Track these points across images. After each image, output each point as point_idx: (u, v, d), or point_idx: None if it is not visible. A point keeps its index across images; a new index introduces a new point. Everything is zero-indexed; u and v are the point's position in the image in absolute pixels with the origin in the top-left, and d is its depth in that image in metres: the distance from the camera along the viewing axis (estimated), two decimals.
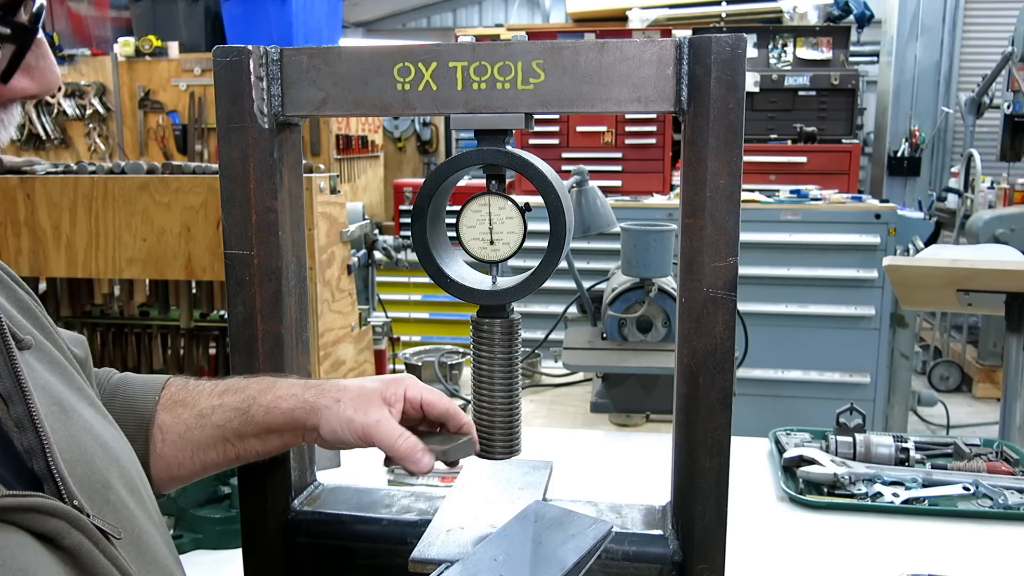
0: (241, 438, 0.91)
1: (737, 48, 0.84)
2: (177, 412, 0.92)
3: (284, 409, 0.89)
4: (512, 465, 1.06)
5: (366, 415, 0.86)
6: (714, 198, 0.86)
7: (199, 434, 0.91)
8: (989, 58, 6.59)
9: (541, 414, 2.18)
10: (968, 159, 5.56)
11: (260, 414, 0.89)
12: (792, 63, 4.96)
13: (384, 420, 0.86)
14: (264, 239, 0.96)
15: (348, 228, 2.25)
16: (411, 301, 5.04)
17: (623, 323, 2.12)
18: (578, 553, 0.81)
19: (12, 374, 0.69)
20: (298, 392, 0.89)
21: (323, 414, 0.87)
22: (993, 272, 2.17)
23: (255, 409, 0.89)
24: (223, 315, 2.36)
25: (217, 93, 0.94)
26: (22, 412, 0.68)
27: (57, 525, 0.63)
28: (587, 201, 2.15)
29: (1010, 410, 2.33)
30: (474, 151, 0.92)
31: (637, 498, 1.03)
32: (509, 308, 0.96)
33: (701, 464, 0.92)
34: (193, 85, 5.51)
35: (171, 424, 0.92)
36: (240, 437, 0.91)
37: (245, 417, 0.89)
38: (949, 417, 4.55)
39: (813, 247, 3.80)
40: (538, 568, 0.80)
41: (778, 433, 1.82)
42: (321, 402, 0.88)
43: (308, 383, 0.91)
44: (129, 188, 2.01)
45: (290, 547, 1.01)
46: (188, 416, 0.91)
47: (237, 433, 0.90)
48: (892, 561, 1.35)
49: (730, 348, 0.90)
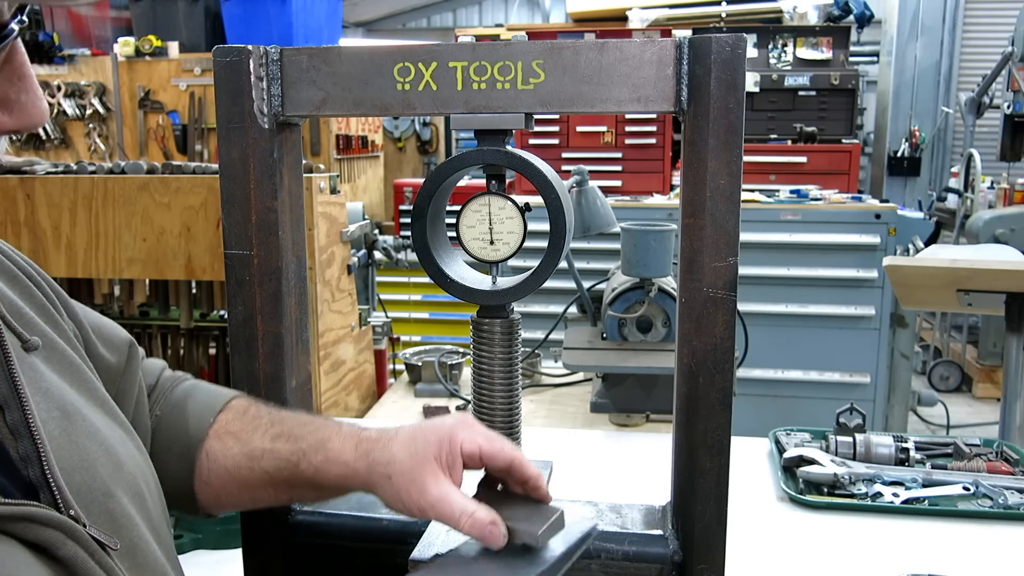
0: (291, 487, 0.87)
1: (737, 48, 0.84)
2: (227, 445, 0.89)
3: (334, 475, 0.83)
4: None
5: (423, 495, 0.77)
6: (714, 198, 0.86)
7: (247, 475, 0.87)
8: (989, 58, 6.59)
9: (541, 414, 2.18)
10: (968, 159, 5.56)
11: (310, 472, 0.84)
12: (792, 63, 4.96)
13: (442, 499, 0.77)
14: (264, 239, 0.96)
15: (348, 228, 2.25)
16: (411, 301, 5.04)
17: (623, 323, 2.12)
18: (566, 544, 0.80)
19: (9, 380, 0.68)
20: (349, 460, 0.83)
21: (377, 491, 0.82)
22: (993, 272, 2.17)
23: (305, 465, 0.84)
24: (223, 315, 2.36)
25: (217, 93, 0.94)
26: (18, 419, 0.67)
27: (51, 535, 0.62)
28: (587, 201, 2.15)
29: (1010, 410, 2.33)
30: (474, 151, 0.92)
31: (637, 498, 1.03)
32: (509, 308, 0.96)
33: (701, 464, 0.92)
34: (193, 85, 5.51)
35: (219, 455, 0.88)
36: (290, 486, 0.87)
37: (295, 470, 0.85)
38: (949, 417, 4.55)
39: (813, 247, 3.80)
40: (526, 557, 0.78)
41: (778, 433, 1.82)
42: (373, 479, 0.81)
43: (360, 446, 0.83)
44: (129, 188, 2.01)
45: (290, 547, 1.01)
46: (237, 453, 0.88)
47: (287, 482, 0.87)
48: (892, 561, 1.35)
49: (730, 348, 0.90)
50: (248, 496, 0.90)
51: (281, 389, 1.00)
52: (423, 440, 0.80)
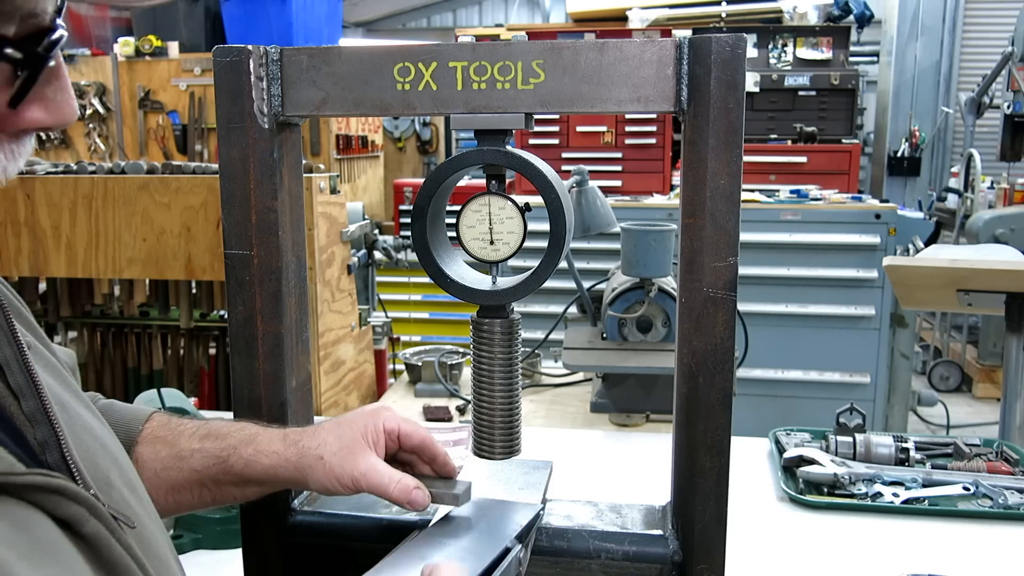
0: (218, 485, 0.90)
1: (737, 48, 0.84)
2: (156, 448, 0.92)
3: (265, 465, 0.88)
4: (512, 465, 1.06)
5: (354, 466, 0.86)
6: (714, 198, 0.86)
7: (175, 475, 0.91)
8: (989, 58, 6.59)
9: (541, 414, 2.18)
10: (968, 159, 5.56)
11: (240, 465, 0.88)
12: (792, 63, 4.96)
13: (371, 469, 0.86)
14: (264, 239, 0.96)
15: (348, 228, 2.25)
16: (411, 301, 5.04)
17: (623, 323, 2.12)
18: (520, 525, 0.89)
19: (24, 369, 0.69)
20: (279, 450, 0.88)
21: (309, 474, 0.86)
22: (993, 272, 2.17)
23: (235, 459, 0.89)
24: (223, 315, 2.36)
25: (217, 93, 0.94)
26: (35, 406, 0.68)
27: (77, 511, 0.63)
28: (587, 201, 2.15)
29: (1010, 410, 2.33)
30: (474, 151, 0.92)
31: (637, 498, 1.03)
32: (509, 308, 0.96)
33: (701, 464, 0.92)
34: (193, 85, 5.51)
35: (149, 459, 0.91)
36: (217, 484, 0.90)
37: (224, 466, 0.89)
38: (949, 417, 4.55)
39: (813, 247, 3.80)
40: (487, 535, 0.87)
41: (778, 433, 1.82)
42: (305, 462, 0.87)
43: (288, 437, 0.89)
44: (129, 188, 2.01)
45: (290, 547, 1.01)
46: (166, 455, 0.91)
47: (215, 480, 0.90)
48: (892, 561, 1.35)
49: (730, 348, 0.90)
50: (173, 499, 0.92)
51: (281, 389, 1.00)
52: (349, 424, 0.89)
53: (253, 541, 1.02)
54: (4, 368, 0.68)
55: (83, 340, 2.51)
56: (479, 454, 0.98)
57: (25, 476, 0.60)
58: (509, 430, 0.97)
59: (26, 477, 0.60)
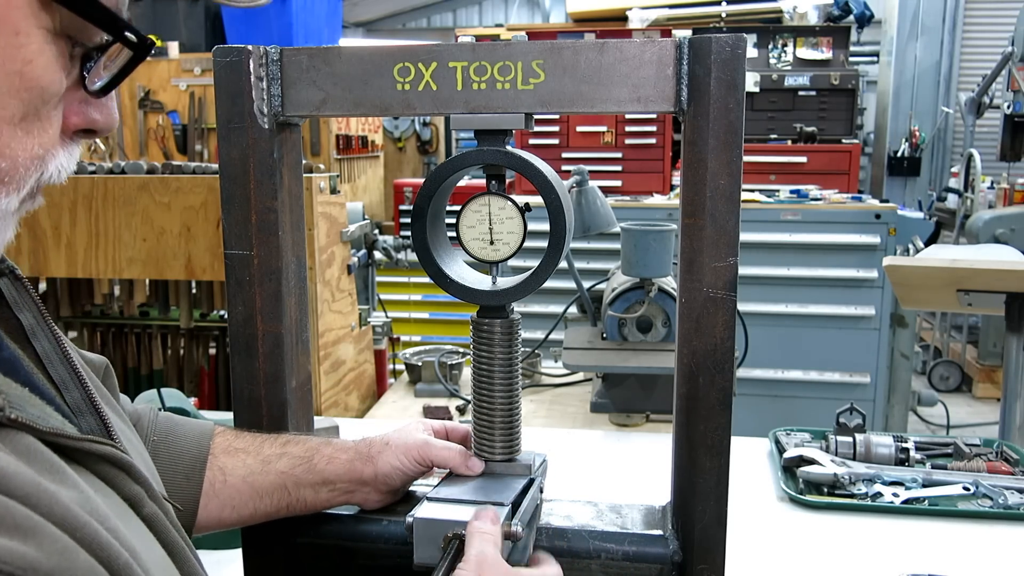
0: (299, 487, 0.95)
1: (737, 48, 0.84)
2: (240, 457, 0.96)
3: (344, 460, 0.95)
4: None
5: (416, 439, 0.98)
6: (714, 198, 0.86)
7: (261, 479, 0.95)
8: (989, 58, 6.59)
9: (541, 414, 2.18)
10: (968, 159, 5.56)
11: (322, 463, 0.95)
12: (792, 63, 4.96)
13: (430, 439, 0.98)
14: (264, 239, 0.96)
15: (348, 228, 2.25)
16: (411, 301, 5.04)
17: (623, 323, 2.12)
18: (523, 481, 0.95)
19: (65, 361, 0.69)
20: (351, 446, 0.98)
21: (378, 460, 0.96)
22: (993, 272, 2.17)
23: (318, 458, 0.95)
24: (223, 315, 2.36)
25: (217, 93, 0.94)
26: (79, 397, 0.68)
27: (137, 491, 0.64)
28: (587, 201, 2.15)
29: (1010, 410, 2.32)
30: (474, 151, 0.92)
31: (637, 498, 1.03)
32: (509, 308, 0.96)
33: (701, 464, 0.92)
34: (193, 85, 5.51)
35: (235, 467, 0.95)
36: (298, 486, 0.95)
37: (308, 465, 0.95)
38: (949, 417, 4.55)
39: (813, 247, 3.80)
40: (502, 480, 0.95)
41: (778, 433, 1.82)
42: (374, 450, 0.97)
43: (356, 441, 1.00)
44: (129, 188, 2.01)
45: (290, 547, 1.01)
46: (252, 462, 0.96)
47: (297, 481, 0.95)
48: (892, 561, 1.35)
49: (730, 348, 0.90)
50: (254, 505, 0.96)
51: (281, 389, 1.00)
52: (405, 427, 1.02)
53: (254, 541, 1.02)
54: (45, 361, 0.68)
55: (83, 340, 2.51)
56: (479, 454, 0.98)
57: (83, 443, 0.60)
58: (509, 430, 0.97)
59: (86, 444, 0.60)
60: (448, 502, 0.90)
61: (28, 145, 0.57)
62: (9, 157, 0.56)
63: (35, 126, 0.57)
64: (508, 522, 0.85)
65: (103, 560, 0.52)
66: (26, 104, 0.55)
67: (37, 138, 0.57)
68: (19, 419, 0.53)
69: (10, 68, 0.54)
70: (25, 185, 0.58)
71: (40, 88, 0.56)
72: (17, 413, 0.54)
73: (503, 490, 0.92)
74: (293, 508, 0.96)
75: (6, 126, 0.55)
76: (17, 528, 0.46)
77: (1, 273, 0.69)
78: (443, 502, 0.90)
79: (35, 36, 0.54)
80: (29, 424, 0.54)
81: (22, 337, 0.68)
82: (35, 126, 0.57)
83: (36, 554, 0.46)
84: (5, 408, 0.53)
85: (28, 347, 0.68)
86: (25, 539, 0.46)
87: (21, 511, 0.47)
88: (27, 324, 0.69)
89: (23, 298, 0.70)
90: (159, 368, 2.50)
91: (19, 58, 0.54)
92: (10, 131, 0.55)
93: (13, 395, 0.57)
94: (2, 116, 0.55)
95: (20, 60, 0.54)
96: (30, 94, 0.55)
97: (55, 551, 0.48)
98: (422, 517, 0.86)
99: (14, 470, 0.49)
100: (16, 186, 0.57)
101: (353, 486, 0.96)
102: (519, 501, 0.90)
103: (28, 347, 0.68)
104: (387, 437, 0.98)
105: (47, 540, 0.48)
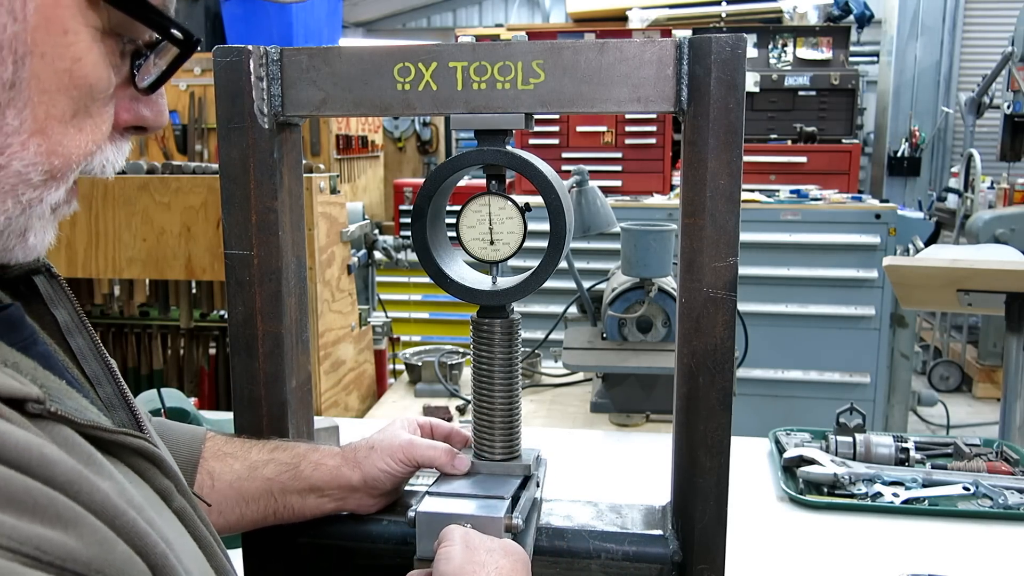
0: (285, 493, 0.95)
1: (737, 48, 0.84)
2: (228, 462, 0.96)
3: (331, 466, 0.95)
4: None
5: (400, 440, 0.97)
6: (714, 198, 0.86)
7: (248, 485, 0.95)
8: (989, 58, 6.59)
9: (541, 414, 2.18)
10: (968, 159, 5.56)
11: (309, 470, 0.95)
12: (792, 63, 4.96)
13: (414, 440, 0.97)
14: (264, 239, 0.96)
15: (348, 228, 2.25)
16: (411, 301, 5.04)
17: (623, 323, 2.12)
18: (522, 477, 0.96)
19: (99, 356, 0.70)
20: (338, 452, 0.98)
21: (364, 464, 0.96)
22: (993, 272, 2.17)
23: (305, 464, 0.95)
24: (223, 315, 2.36)
25: (217, 93, 0.94)
26: (112, 392, 0.69)
27: (167, 485, 0.65)
28: (587, 201, 2.15)
29: (1010, 410, 2.33)
30: (474, 151, 0.92)
31: (637, 498, 1.03)
32: (509, 308, 0.96)
33: (701, 464, 0.92)
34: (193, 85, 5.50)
35: (223, 472, 0.95)
36: (284, 492, 0.95)
37: (294, 472, 0.95)
38: (949, 417, 4.55)
39: (813, 247, 3.80)
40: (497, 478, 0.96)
41: (778, 433, 1.82)
42: (360, 455, 0.97)
43: (343, 447, 0.99)
44: (129, 188, 2.01)
45: (290, 547, 1.01)
46: (240, 467, 0.95)
47: (283, 488, 0.95)
48: (892, 561, 1.35)
49: (730, 348, 0.90)
50: (240, 512, 0.95)
51: (281, 389, 1.00)
52: (387, 426, 1.02)
53: (253, 541, 1.02)
54: (79, 357, 0.69)
55: None
56: (479, 455, 0.98)
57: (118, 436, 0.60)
58: (509, 430, 0.97)
59: (120, 437, 0.60)
60: (450, 496, 0.91)
61: (81, 142, 0.58)
62: (63, 155, 0.56)
63: (87, 123, 0.58)
64: (508, 514, 0.86)
65: (140, 550, 0.52)
66: (76, 102, 0.56)
67: (90, 135, 0.58)
68: (59, 412, 0.54)
69: (59, 66, 0.54)
70: (72, 177, 0.59)
71: (89, 86, 0.56)
72: (57, 406, 0.54)
73: (503, 484, 0.93)
74: (280, 515, 0.96)
75: (58, 124, 0.56)
76: (59, 518, 0.47)
77: (37, 271, 0.70)
78: (445, 496, 0.91)
79: (83, 35, 0.55)
80: (68, 417, 0.55)
81: (57, 333, 0.69)
82: (87, 123, 0.58)
83: (75, 544, 0.47)
84: (46, 401, 0.53)
85: (63, 343, 0.69)
86: (66, 529, 0.47)
87: (63, 501, 0.48)
88: (62, 321, 0.70)
89: (58, 295, 0.71)
90: (159, 368, 2.50)
91: (68, 56, 0.54)
92: (62, 129, 0.56)
93: (53, 388, 0.58)
94: (53, 114, 0.55)
95: (69, 58, 0.54)
96: (79, 92, 0.56)
97: (94, 541, 0.49)
98: (424, 511, 0.87)
99: (58, 458, 0.50)
100: (65, 180, 0.59)
101: (344, 493, 0.96)
102: (518, 495, 0.92)
103: (63, 343, 0.69)
104: (372, 440, 0.98)
105: (87, 530, 0.48)
